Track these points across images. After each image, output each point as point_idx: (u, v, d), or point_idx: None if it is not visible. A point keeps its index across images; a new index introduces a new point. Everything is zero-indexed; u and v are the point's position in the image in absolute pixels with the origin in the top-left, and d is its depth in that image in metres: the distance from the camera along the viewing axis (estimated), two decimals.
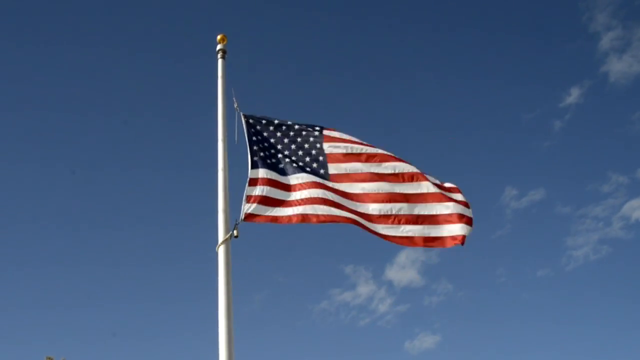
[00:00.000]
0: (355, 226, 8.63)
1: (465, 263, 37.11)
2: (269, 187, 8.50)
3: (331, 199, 8.60)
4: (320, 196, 8.57)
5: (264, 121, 9.09)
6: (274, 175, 8.63)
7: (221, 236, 8.21)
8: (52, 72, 38.35)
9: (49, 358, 18.93)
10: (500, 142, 38.72)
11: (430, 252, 35.73)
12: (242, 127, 8.92)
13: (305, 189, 8.62)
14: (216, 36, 9.58)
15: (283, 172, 8.73)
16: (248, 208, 8.32)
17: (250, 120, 9.03)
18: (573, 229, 35.49)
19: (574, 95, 35.53)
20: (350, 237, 37.83)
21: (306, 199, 8.54)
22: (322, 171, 8.88)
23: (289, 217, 8.45)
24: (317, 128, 9.19)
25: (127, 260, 36.69)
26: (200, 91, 32.59)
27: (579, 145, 38.33)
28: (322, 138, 9.13)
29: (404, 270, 35.40)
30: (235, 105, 9.12)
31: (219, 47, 9.51)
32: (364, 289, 34.82)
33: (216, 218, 8.35)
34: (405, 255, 35.14)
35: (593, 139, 38.43)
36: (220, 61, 9.42)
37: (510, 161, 39.06)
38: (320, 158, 8.98)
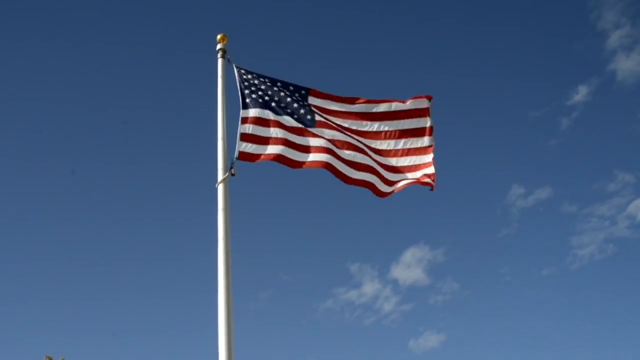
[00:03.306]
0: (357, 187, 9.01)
1: (471, 262, 37.12)
2: (262, 127, 8.80)
3: (316, 144, 8.92)
4: (305, 144, 8.90)
5: (254, 74, 9.38)
6: (268, 115, 8.92)
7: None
8: (52, 71, 38.39)
9: (48, 357, 18.89)
10: (507, 139, 38.65)
11: (436, 251, 35.81)
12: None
13: (294, 133, 8.92)
14: (216, 35, 9.62)
15: (275, 112, 9.01)
16: (243, 146, 8.58)
17: (242, 70, 9.36)
18: (579, 228, 35.45)
19: (581, 93, 35.50)
20: (355, 235, 37.72)
21: (294, 143, 8.84)
22: (308, 117, 9.18)
23: (268, 155, 8.68)
24: (304, 90, 9.47)
25: (126, 259, 36.70)
26: (201, 90, 32.59)
27: (586, 144, 38.26)
28: (307, 96, 9.41)
29: (409, 269, 35.39)
30: (228, 57, 9.43)
31: (218, 46, 9.52)
32: (369, 287, 34.82)
33: (216, 216, 8.39)
34: (411, 254, 35.16)
35: (600, 138, 38.39)
36: (220, 60, 9.45)
37: (517, 159, 38.98)
38: (306, 110, 9.25)
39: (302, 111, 9.18)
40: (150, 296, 34.94)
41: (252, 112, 8.88)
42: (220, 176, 8.63)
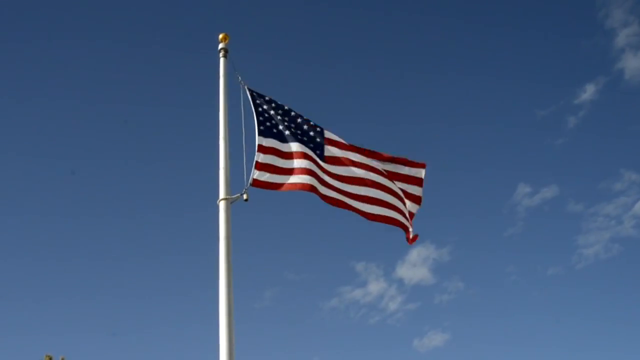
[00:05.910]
0: (357, 214, 9.11)
1: (477, 261, 37.08)
2: (274, 156, 8.80)
3: (323, 179, 8.99)
4: (316, 172, 8.93)
5: (267, 98, 9.33)
6: (279, 145, 8.91)
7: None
8: (52, 70, 38.37)
9: (48, 356, 18.85)
10: (514, 138, 38.60)
11: (441, 250, 35.78)
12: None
13: (306, 159, 8.94)
14: (218, 35, 9.60)
15: (286, 141, 9.00)
16: (256, 174, 8.57)
17: (255, 93, 9.29)
18: (584, 227, 35.38)
19: (588, 92, 35.40)
20: (361, 234, 37.61)
21: (307, 169, 8.86)
22: (317, 152, 9.17)
23: (294, 185, 8.77)
24: (319, 127, 9.39)
25: (127, 259, 36.69)
26: (202, 91, 32.58)
27: (593, 143, 38.16)
28: (322, 136, 9.35)
29: (415, 268, 35.38)
30: (240, 79, 9.34)
31: (220, 46, 9.52)
32: (375, 286, 34.81)
33: (217, 216, 8.36)
34: (416, 253, 35.12)
35: (607, 137, 38.33)
36: (222, 60, 9.43)
37: (523, 158, 38.90)
38: (318, 139, 9.25)
39: (312, 144, 9.17)
40: (150, 296, 34.98)
41: (267, 142, 8.85)
42: (221, 176, 8.60)
